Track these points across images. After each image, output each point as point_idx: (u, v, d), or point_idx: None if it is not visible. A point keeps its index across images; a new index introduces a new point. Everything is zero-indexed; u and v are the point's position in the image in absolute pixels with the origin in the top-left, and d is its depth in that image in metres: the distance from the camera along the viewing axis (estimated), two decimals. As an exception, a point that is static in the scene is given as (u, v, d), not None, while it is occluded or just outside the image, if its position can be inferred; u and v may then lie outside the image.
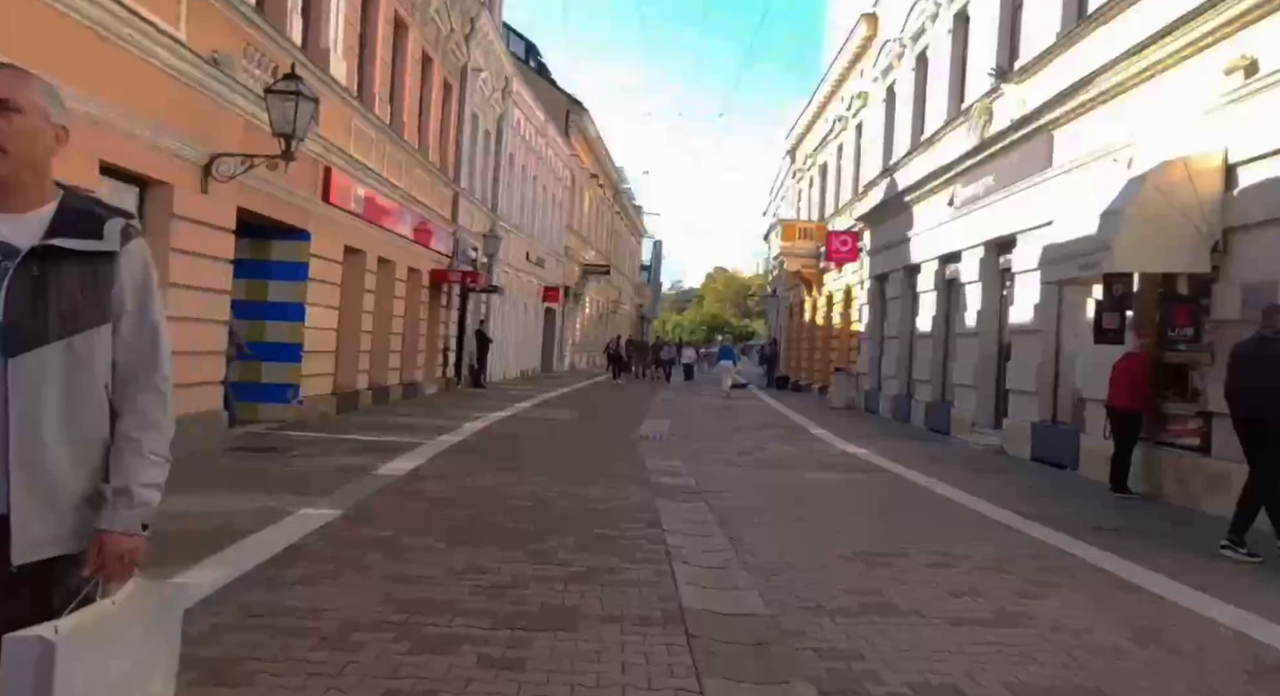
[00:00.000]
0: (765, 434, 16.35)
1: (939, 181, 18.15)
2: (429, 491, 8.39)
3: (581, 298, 45.11)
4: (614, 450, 12.71)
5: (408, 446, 11.45)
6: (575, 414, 18.79)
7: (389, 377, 18.14)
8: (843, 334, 27.51)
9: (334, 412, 14.80)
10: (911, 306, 20.69)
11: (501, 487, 8.80)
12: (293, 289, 13.07)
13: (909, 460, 12.61)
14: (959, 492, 9.79)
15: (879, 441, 15.17)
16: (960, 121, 17.25)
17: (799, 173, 37.90)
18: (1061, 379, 13.16)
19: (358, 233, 15.41)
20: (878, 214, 23.10)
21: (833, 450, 14.02)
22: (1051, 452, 12.54)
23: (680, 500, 8.76)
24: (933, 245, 18.66)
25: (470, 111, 23.34)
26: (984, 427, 15.64)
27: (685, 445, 13.85)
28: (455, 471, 9.72)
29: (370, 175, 15.64)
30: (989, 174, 15.51)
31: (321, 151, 13.22)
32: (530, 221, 32.47)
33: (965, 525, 8.09)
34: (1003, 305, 15.81)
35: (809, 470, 11.49)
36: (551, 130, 34.38)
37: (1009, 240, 14.80)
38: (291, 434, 11.97)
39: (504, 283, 28.27)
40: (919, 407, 18.94)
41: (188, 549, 5.51)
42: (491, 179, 26.89)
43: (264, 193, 11.35)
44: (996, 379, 15.74)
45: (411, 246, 18.97)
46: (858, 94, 26.66)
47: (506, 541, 6.46)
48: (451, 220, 22.33)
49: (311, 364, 13.61)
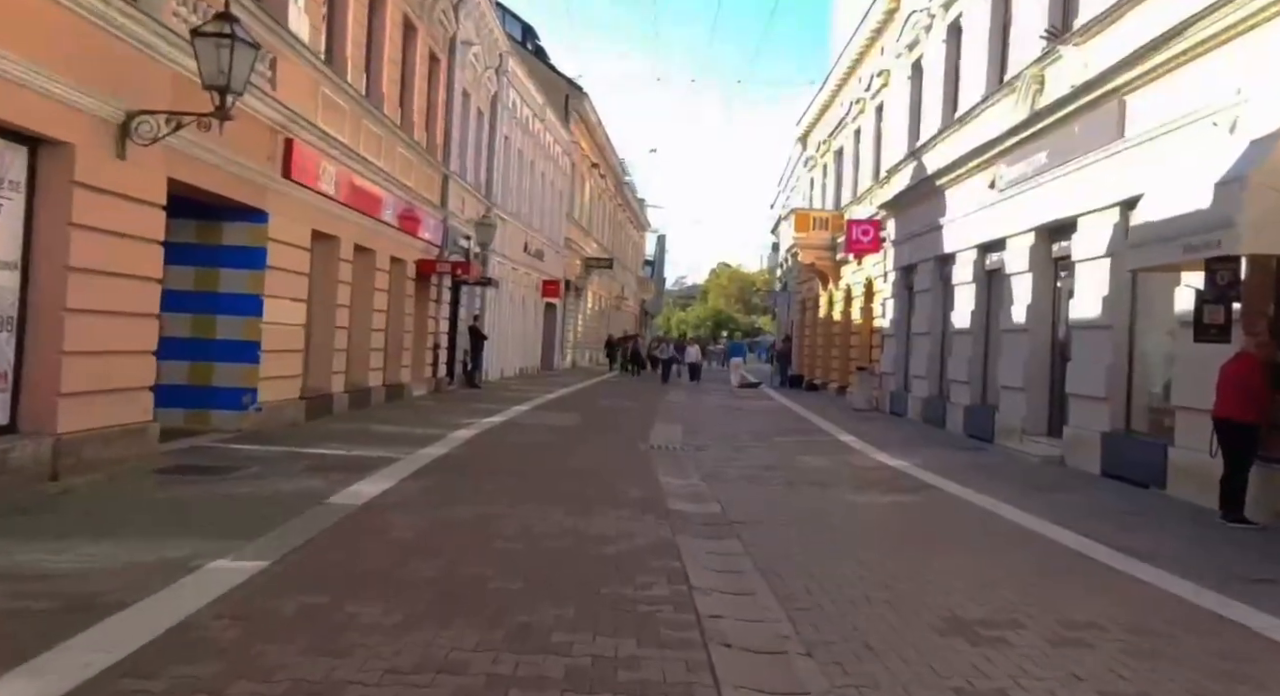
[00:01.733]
0: (789, 442, 14.62)
1: (977, 162, 16.39)
2: (393, 529, 6.67)
3: (583, 292, 43.37)
4: (622, 464, 10.99)
5: (380, 463, 9.73)
6: (577, 418, 17.07)
7: (370, 379, 16.42)
8: (863, 330, 25.77)
9: (303, 420, 13.09)
10: (944, 300, 18.95)
11: (486, 521, 7.08)
12: (248, 278, 11.34)
13: (959, 475, 10.90)
14: (1035, 520, 8.07)
15: (917, 451, 13.46)
16: (1004, 94, 15.49)
17: (811, 161, 36.10)
18: (1136, 382, 11.43)
19: (329, 216, 13.68)
20: (903, 200, 21.36)
21: (869, 462, 12.29)
22: (1128, 468, 10.81)
23: (706, 536, 7.04)
24: (970, 233, 16.92)
25: (460, 88, 21.58)
26: (1035, 435, 13.90)
27: (702, 457, 12.14)
28: (431, 498, 7.99)
29: (343, 151, 13.90)
30: (1041, 150, 13.75)
31: (281, 120, 11.48)
32: (528, 210, 30.72)
33: (1065, 570, 6.36)
34: (1057, 297, 14.08)
35: (849, 490, 9.76)
36: (550, 114, 32.62)
37: (1067, 224, 13.07)
38: (243, 448, 10.24)
39: (499, 275, 26.53)
40: (955, 411, 17.20)
41: (10, 639, 3.80)
42: (485, 163, 25.15)
43: (206, 163, 9.61)
44: (1050, 381, 14.00)
45: (395, 233, 17.24)
46: (878, 72, 24.88)
47: (483, 611, 4.74)
48: (440, 206, 20.59)
49: (273, 364, 11.89)
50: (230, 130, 8.83)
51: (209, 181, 9.78)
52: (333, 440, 11.50)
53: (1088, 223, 12.33)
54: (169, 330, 10.84)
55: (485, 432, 13.72)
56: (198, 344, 11.18)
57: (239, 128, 9.74)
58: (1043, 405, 14.11)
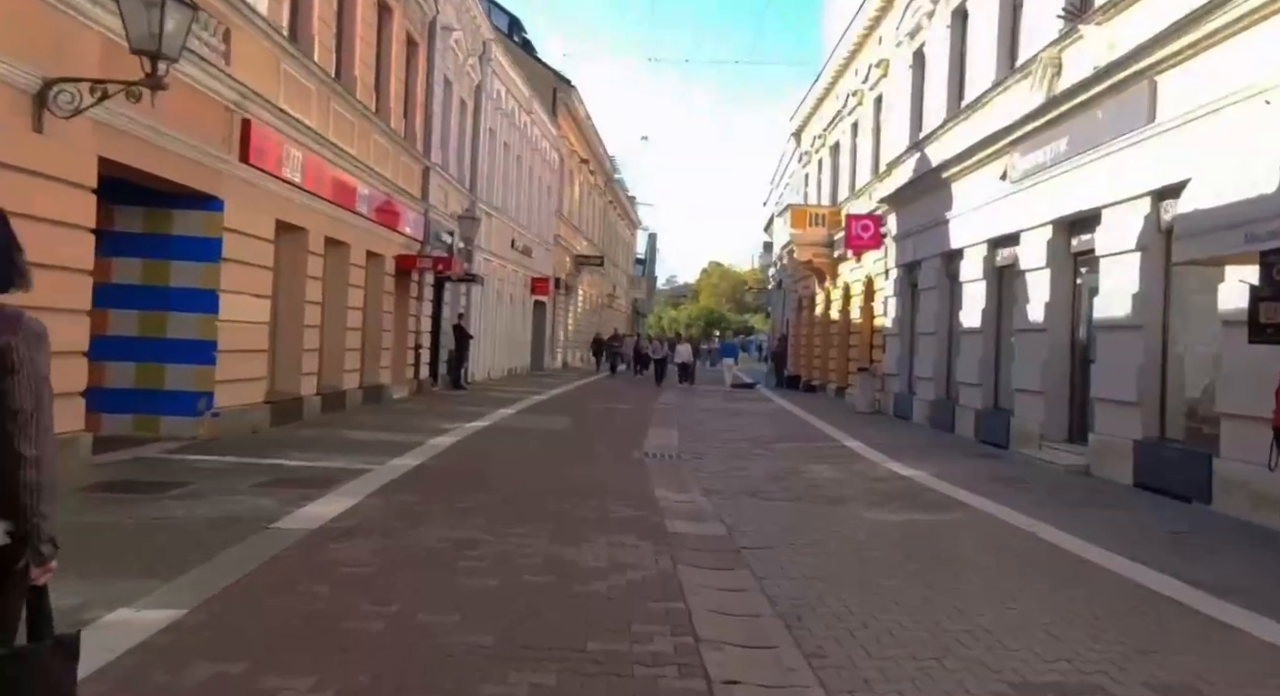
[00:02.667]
0: (792, 448, 13.69)
1: (987, 152, 15.49)
2: (345, 562, 5.69)
3: (574, 290, 42.38)
4: (614, 476, 10.03)
5: (345, 476, 8.76)
6: (566, 422, 16.10)
7: (345, 381, 15.43)
8: (863, 330, 24.84)
9: (268, 425, 12.10)
10: (951, 298, 18.06)
11: (457, 550, 6.11)
12: (202, 271, 10.33)
13: (982, 487, 9.99)
14: (1081, 544, 7.14)
15: (930, 459, 12.55)
16: (1017, 79, 14.59)
17: (806, 156, 35.16)
18: (1171, 385, 10.54)
19: (295, 206, 12.68)
20: (905, 195, 20.46)
21: (881, 472, 11.36)
22: (1165, 479, 9.91)
23: (712, 566, 6.10)
24: (979, 227, 16.02)
25: (441, 76, 20.59)
26: (1055, 442, 13.01)
27: (700, 467, 11.20)
28: (396, 520, 7.01)
29: (310, 136, 12.90)
30: (1060, 138, 12.85)
31: (236, 98, 10.48)
32: (515, 205, 29.71)
33: (1134, 612, 5.41)
34: (1077, 295, 13.20)
35: (866, 506, 8.82)
36: (537, 107, 31.62)
37: (1089, 216, 12.17)
38: (193, 459, 9.25)
39: (486, 272, 25.54)
40: (965, 415, 16.30)
41: None
42: (469, 155, 24.15)
43: (147, 142, 8.60)
44: (1071, 383, 13.12)
45: (371, 226, 16.24)
46: (877, 62, 23.97)
47: (440, 685, 3.78)
48: (421, 199, 19.60)
49: (232, 366, 10.89)
50: (177, 107, 7.89)
51: (151, 163, 8.77)
52: (297, 449, 10.52)
53: (1114, 214, 11.44)
54: (114, 328, 9.93)
55: (466, 439, 12.74)
56: (146, 343, 10.16)
57: (186, 105, 8.79)
58: (1062, 410, 13.21)
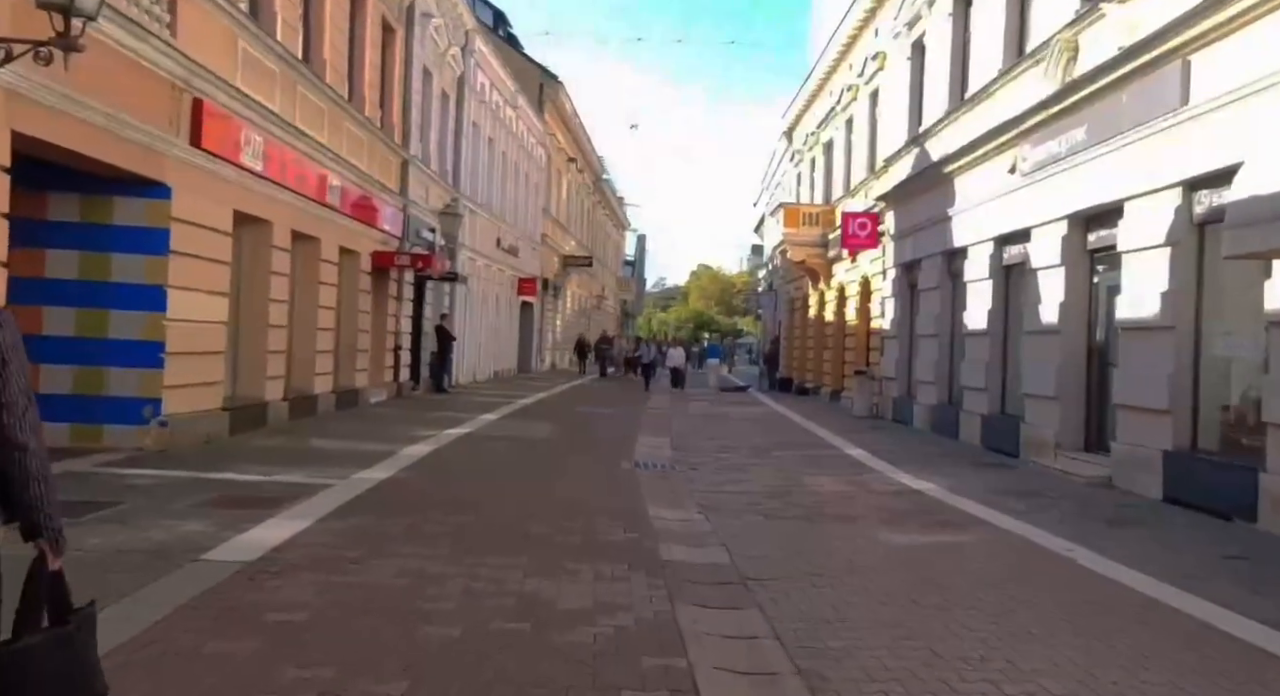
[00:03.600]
0: (791, 457, 12.85)
1: (994, 144, 14.70)
2: (281, 605, 4.78)
3: (562, 291, 41.46)
4: (602, 491, 9.16)
5: (302, 492, 7.86)
6: (552, 429, 15.21)
7: (316, 385, 14.49)
8: (859, 332, 24.04)
9: (226, 434, 11.17)
10: (954, 298, 17.28)
11: (417, 588, 5.22)
12: (146, 265, 9.39)
13: (1002, 503, 9.18)
14: (1125, 571, 6.31)
15: (939, 469, 11.74)
16: (1027, 66, 13.81)
17: (798, 155, 34.36)
18: (1205, 392, 9.72)
19: (257, 196, 11.75)
20: (904, 191, 19.68)
21: (890, 485, 10.52)
22: (1200, 494, 9.10)
23: (716, 604, 5.24)
24: (985, 223, 15.24)
25: (421, 65, 19.67)
26: (1071, 450, 12.21)
27: (695, 478, 10.35)
28: (351, 548, 6.11)
29: (274, 121, 11.97)
30: (1076, 126, 12.05)
31: (184, 74, 9.54)
32: (500, 203, 28.79)
33: (1228, 671, 4.57)
34: (1094, 294, 12.41)
35: (881, 526, 7.97)
36: (523, 102, 30.71)
37: (1110, 210, 11.37)
38: (132, 473, 8.32)
39: (470, 271, 24.62)
40: (970, 421, 15.49)
41: None
42: (452, 150, 23.24)
43: (72, 117, 7.64)
44: (1088, 388, 12.33)
45: (345, 221, 15.33)
46: (873, 55, 23.17)
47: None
48: (400, 193, 18.68)
49: (183, 369, 9.95)
50: (111, 80, 7.02)
51: (79, 141, 7.82)
52: (255, 460, 9.60)
53: (1139, 207, 10.63)
54: (49, 327, 9.04)
55: (444, 448, 11.84)
56: (85, 344, 9.22)
57: (123, 78, 7.90)
58: (1078, 416, 12.41)
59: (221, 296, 10.93)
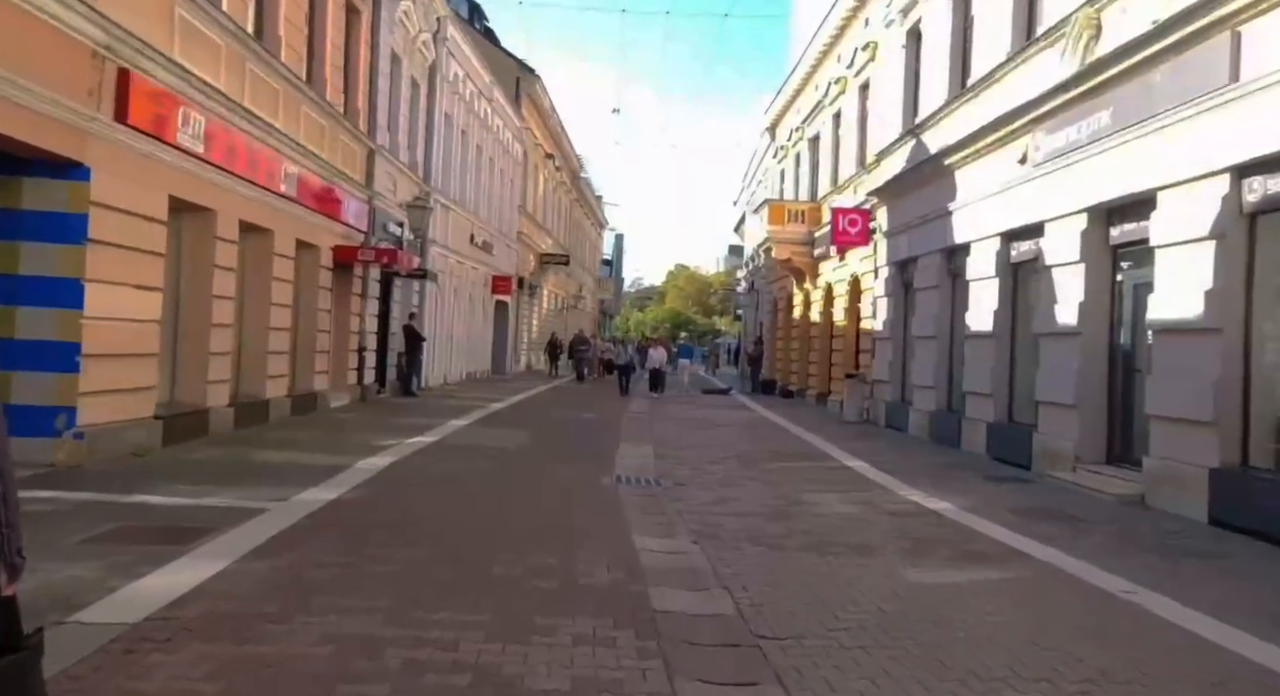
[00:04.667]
0: (786, 469, 11.77)
1: (1001, 134, 13.72)
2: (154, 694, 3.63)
3: (538, 290, 40.23)
4: (580, 514, 8.03)
5: (226, 520, 6.68)
6: (525, 437, 14.05)
7: (269, 388, 13.27)
8: (848, 333, 23.03)
9: (159, 445, 9.95)
10: (954, 298, 16.30)
11: (339, 664, 4.05)
12: (60, 256, 8.15)
13: (1029, 526, 8.18)
14: (1212, 624, 5.26)
15: (949, 484, 10.73)
16: (1039, 48, 12.83)
17: (782, 151, 33.34)
18: (1257, 402, 8.72)
19: (198, 181, 10.52)
20: (898, 186, 18.69)
21: (902, 504, 9.46)
22: (1256, 518, 8.08)
23: (724, 680, 4.13)
24: (990, 218, 14.25)
25: (389, 50, 18.46)
26: (1092, 463, 11.22)
27: (684, 496, 9.25)
28: (267, 600, 4.93)
29: (218, 100, 10.75)
30: (1099, 110, 11.06)
31: (106, 41, 8.31)
32: (474, 198, 27.56)
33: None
34: (1117, 293, 11.42)
35: (902, 557, 6.89)
36: (499, 95, 29.50)
37: (1140, 200, 10.39)
38: (29, 496, 7.04)
39: (441, 268, 23.41)
40: (974, 429, 14.47)
41: None
42: (423, 141, 22.00)
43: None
44: (1110, 395, 11.34)
45: (303, 212, 14.11)
46: (864, 46, 22.19)
47: None
48: (365, 185, 17.46)
49: (105, 373, 8.71)
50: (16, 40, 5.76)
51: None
52: (184, 478, 8.40)
53: (1176, 197, 9.65)
54: (-60, 327, 7.73)
55: (404, 461, 10.67)
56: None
57: (31, 39, 6.69)
58: (1100, 427, 11.42)
59: (154, 292, 9.69)
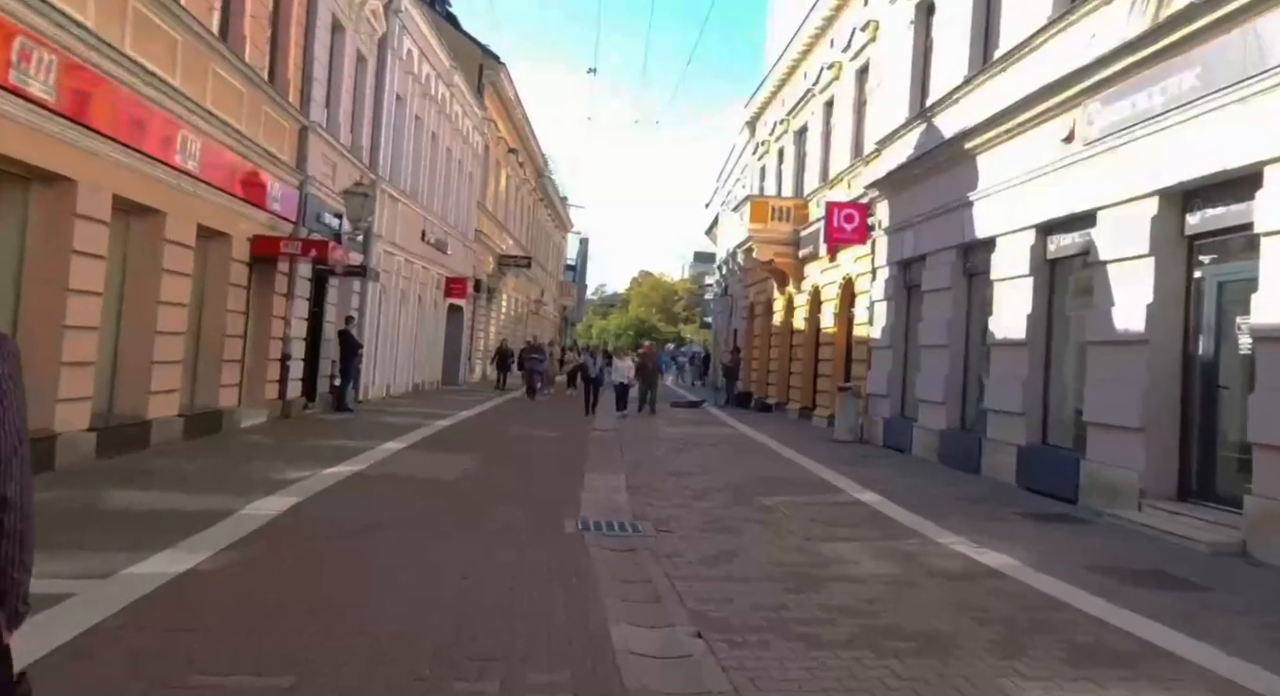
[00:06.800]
0: (789, 506, 9.59)
1: (1040, 108, 11.78)
2: None
3: (496, 294, 37.87)
4: (534, 585, 5.80)
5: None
6: (472, 464, 11.79)
7: (151, 406, 10.87)
8: (837, 341, 20.99)
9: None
10: (971, 301, 14.35)
11: None
12: None
13: (1136, 599, 6.11)
14: None
15: (991, 528, 8.71)
16: (1091, 5, 10.87)
17: (763, 145, 31.31)
18: None
19: (40, 138, 8.15)
20: (903, 177, 16.73)
21: (947, 558, 7.33)
22: None
23: None
24: (1024, 208, 12.29)
25: (330, 15, 16.17)
26: (1161, 500, 9.20)
27: (671, 551, 7.08)
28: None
29: (80, 37, 8.41)
30: (1178, 72, 9.09)
31: None
32: (428, 191, 25.20)
33: None
34: (1196, 293, 9.44)
35: (990, 657, 4.74)
36: (459, 81, 27.18)
37: (1234, 178, 8.44)
38: None
39: (387, 266, 21.05)
40: (1000, 453, 12.42)
41: None
42: (369, 123, 19.66)
43: None
44: (1184, 417, 9.34)
45: (209, 193, 11.77)
46: (862, 26, 20.23)
47: None
48: (296, 168, 15.10)
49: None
50: None
51: None
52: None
53: (1289, 174, 7.68)
54: None
55: (310, 503, 8.37)
56: None
57: None
58: (1170, 455, 9.42)
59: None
